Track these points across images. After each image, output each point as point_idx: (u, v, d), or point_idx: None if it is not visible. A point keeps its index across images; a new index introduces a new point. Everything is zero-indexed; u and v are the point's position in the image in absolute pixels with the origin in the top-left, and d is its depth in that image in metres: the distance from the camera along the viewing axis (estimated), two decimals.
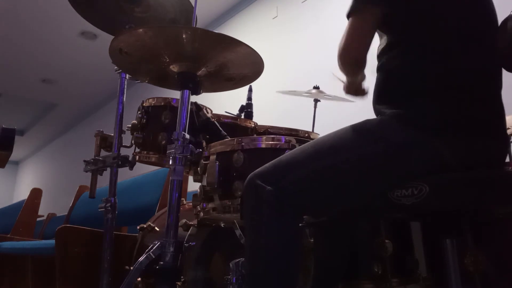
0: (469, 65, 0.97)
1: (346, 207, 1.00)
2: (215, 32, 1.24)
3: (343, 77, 1.13)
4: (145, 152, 1.55)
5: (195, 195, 1.26)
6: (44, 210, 3.95)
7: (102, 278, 1.53)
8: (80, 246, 1.80)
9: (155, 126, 1.54)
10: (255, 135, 1.60)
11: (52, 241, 1.86)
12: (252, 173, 0.95)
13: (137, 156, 1.56)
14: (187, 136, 1.28)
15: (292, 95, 2.31)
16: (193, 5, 1.47)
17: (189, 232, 1.43)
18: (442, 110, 0.93)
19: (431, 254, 1.24)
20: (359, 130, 0.97)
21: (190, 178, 1.71)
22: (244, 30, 3.90)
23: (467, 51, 0.97)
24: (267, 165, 0.96)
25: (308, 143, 1.01)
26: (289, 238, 0.92)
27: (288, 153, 0.99)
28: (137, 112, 1.60)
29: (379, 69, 1.05)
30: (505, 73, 1.01)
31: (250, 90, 1.71)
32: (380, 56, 1.05)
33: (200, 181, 1.25)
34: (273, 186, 0.91)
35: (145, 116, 1.57)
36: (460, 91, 0.94)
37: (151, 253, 1.21)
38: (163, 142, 1.48)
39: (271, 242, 0.91)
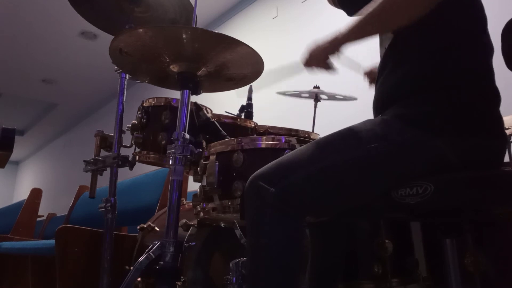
0: (470, 65, 0.97)
1: (349, 207, 0.99)
2: (215, 32, 1.24)
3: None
4: (145, 152, 1.54)
5: (195, 195, 1.26)
6: (44, 210, 3.95)
7: (102, 278, 1.53)
8: (80, 246, 1.80)
9: (155, 126, 1.54)
10: (255, 135, 1.60)
11: (52, 241, 1.86)
12: (254, 174, 0.95)
13: (137, 156, 1.56)
14: (187, 136, 1.28)
15: (292, 97, 2.31)
16: (193, 5, 1.47)
17: (189, 232, 1.43)
18: (446, 110, 0.93)
19: (431, 254, 1.24)
20: (362, 129, 0.97)
21: (190, 178, 1.71)
22: (244, 30, 3.90)
23: (469, 51, 0.97)
24: (269, 165, 0.95)
25: (310, 143, 1.01)
26: (291, 239, 0.92)
27: (290, 154, 0.99)
28: (137, 112, 1.60)
29: (380, 72, 1.06)
30: (505, 73, 1.01)
31: (250, 90, 1.71)
32: (382, 60, 1.06)
33: (200, 181, 1.25)
34: (276, 187, 0.90)
35: (145, 116, 1.57)
36: (463, 91, 0.94)
37: (151, 253, 1.21)
38: (163, 142, 1.48)
39: (273, 243, 0.91)
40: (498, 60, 1.01)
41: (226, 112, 1.61)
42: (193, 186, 1.62)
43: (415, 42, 1.00)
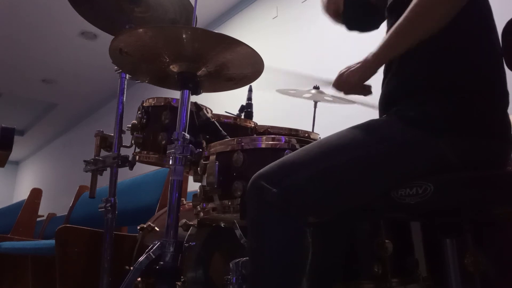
0: (472, 65, 0.97)
1: (349, 207, 1.00)
2: (215, 32, 1.24)
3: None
4: (145, 152, 1.54)
5: (195, 195, 1.26)
6: (44, 210, 3.95)
7: (102, 278, 1.52)
8: (80, 246, 1.80)
9: (155, 126, 1.54)
10: (255, 135, 1.60)
11: (52, 241, 1.86)
12: (255, 174, 0.95)
13: (137, 156, 1.56)
14: (187, 136, 1.28)
15: (292, 96, 2.31)
16: (193, 5, 1.47)
17: (189, 232, 1.43)
18: (446, 110, 0.93)
19: (431, 254, 1.24)
20: (364, 130, 0.97)
21: (190, 178, 1.71)
22: (244, 30, 3.90)
23: (470, 51, 0.97)
24: (271, 165, 0.95)
25: (312, 143, 1.01)
26: (292, 239, 0.92)
27: (292, 154, 0.99)
28: (137, 112, 1.60)
29: (386, 72, 1.06)
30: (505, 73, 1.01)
31: (250, 90, 1.71)
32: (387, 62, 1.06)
33: (200, 181, 1.25)
34: (278, 187, 0.90)
35: (145, 116, 1.57)
36: (463, 91, 0.95)
37: (151, 253, 1.21)
38: (163, 142, 1.48)
39: (273, 244, 0.91)
40: None
41: (226, 112, 1.61)
42: (193, 186, 1.62)
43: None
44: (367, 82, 1.07)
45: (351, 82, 1.05)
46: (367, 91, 1.11)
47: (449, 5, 0.90)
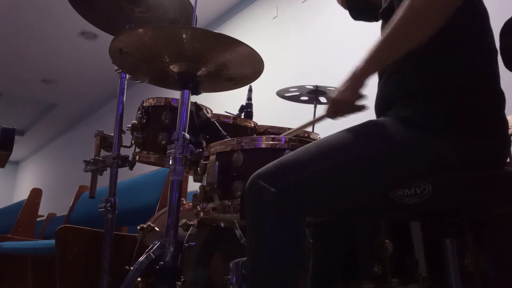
0: (472, 65, 0.97)
1: (349, 207, 1.00)
2: (215, 32, 1.24)
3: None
4: (145, 152, 1.54)
5: (195, 195, 1.26)
6: (44, 210, 3.96)
7: (102, 278, 1.53)
8: (80, 246, 1.80)
9: (155, 126, 1.54)
10: (255, 135, 1.60)
11: (52, 241, 1.86)
12: (254, 173, 0.95)
13: (137, 156, 1.56)
14: (187, 136, 1.28)
15: (291, 101, 2.33)
16: (193, 5, 1.47)
17: (189, 232, 1.43)
18: (446, 110, 0.94)
19: (431, 254, 1.24)
20: (363, 130, 0.97)
21: (190, 178, 1.71)
22: (244, 30, 3.90)
23: (470, 51, 0.98)
24: (269, 165, 0.95)
25: (311, 143, 1.01)
26: (291, 239, 0.92)
27: (290, 153, 0.99)
28: (137, 112, 1.60)
29: (382, 73, 1.06)
30: (505, 73, 1.01)
31: (250, 90, 1.71)
32: None
33: (200, 181, 1.25)
34: (277, 187, 0.90)
35: (145, 116, 1.57)
36: (463, 91, 0.95)
37: (151, 253, 1.21)
38: (163, 142, 1.48)
39: (273, 243, 0.91)
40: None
41: (226, 112, 1.61)
42: (193, 186, 1.62)
43: None
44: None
45: (345, 100, 1.05)
46: (362, 107, 1.11)
47: (432, 17, 0.91)
